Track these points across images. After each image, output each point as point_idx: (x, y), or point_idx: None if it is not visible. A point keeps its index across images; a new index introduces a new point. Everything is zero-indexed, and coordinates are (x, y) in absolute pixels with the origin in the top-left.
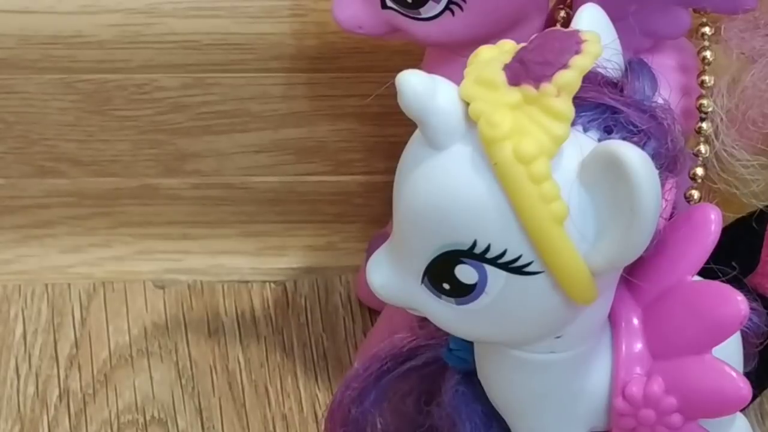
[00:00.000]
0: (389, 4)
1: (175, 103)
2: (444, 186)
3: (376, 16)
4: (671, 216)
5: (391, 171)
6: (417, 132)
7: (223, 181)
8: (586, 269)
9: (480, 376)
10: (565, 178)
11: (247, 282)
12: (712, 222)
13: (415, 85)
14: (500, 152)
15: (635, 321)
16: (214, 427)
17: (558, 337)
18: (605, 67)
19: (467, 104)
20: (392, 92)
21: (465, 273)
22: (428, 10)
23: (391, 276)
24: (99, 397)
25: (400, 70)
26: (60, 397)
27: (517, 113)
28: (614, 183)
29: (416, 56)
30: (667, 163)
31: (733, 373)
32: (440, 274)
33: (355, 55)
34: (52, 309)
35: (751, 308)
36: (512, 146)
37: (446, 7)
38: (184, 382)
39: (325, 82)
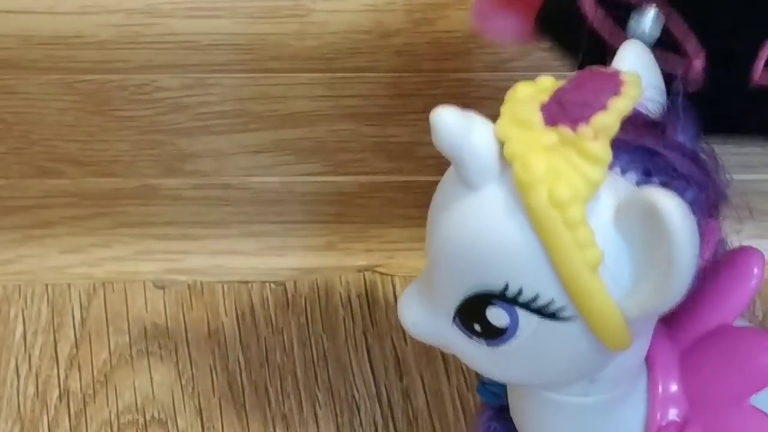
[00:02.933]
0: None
1: (175, 103)
2: (477, 227)
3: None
4: (714, 258)
5: (391, 171)
6: (451, 168)
7: (223, 181)
8: (619, 316)
9: (512, 414)
10: (600, 223)
11: (247, 282)
12: (754, 266)
13: (450, 123)
14: (535, 196)
15: (672, 365)
16: (214, 427)
17: (592, 381)
18: (647, 108)
19: (502, 143)
20: (392, 92)
21: (496, 315)
22: None
23: (423, 314)
24: (99, 397)
25: (400, 70)
26: (60, 397)
27: (552, 155)
28: (651, 232)
29: (417, 56)
30: (709, 208)
31: None
32: (471, 315)
33: (355, 55)
34: (52, 309)
35: None
36: (547, 190)
37: None
38: (184, 382)
39: (325, 82)
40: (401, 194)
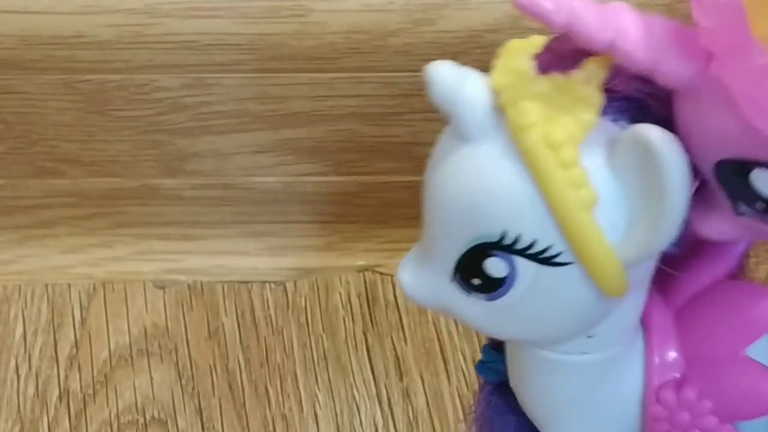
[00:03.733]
0: (742, 210)
1: (175, 103)
2: (473, 177)
3: (734, 223)
4: None
5: (391, 171)
6: (447, 128)
7: (223, 181)
8: (616, 259)
9: (512, 383)
10: (593, 164)
11: (247, 282)
12: None
13: (444, 76)
14: (529, 138)
15: (668, 324)
16: (214, 427)
17: (590, 337)
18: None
19: (497, 94)
20: (392, 92)
21: (495, 266)
22: None
23: (422, 277)
24: (99, 397)
25: (401, 70)
26: (60, 397)
27: (545, 101)
28: (644, 166)
29: (416, 56)
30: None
31: (766, 374)
32: (470, 269)
33: (355, 55)
34: (52, 309)
35: None
36: (541, 132)
37: None
38: (184, 382)
39: (325, 82)
40: (401, 194)
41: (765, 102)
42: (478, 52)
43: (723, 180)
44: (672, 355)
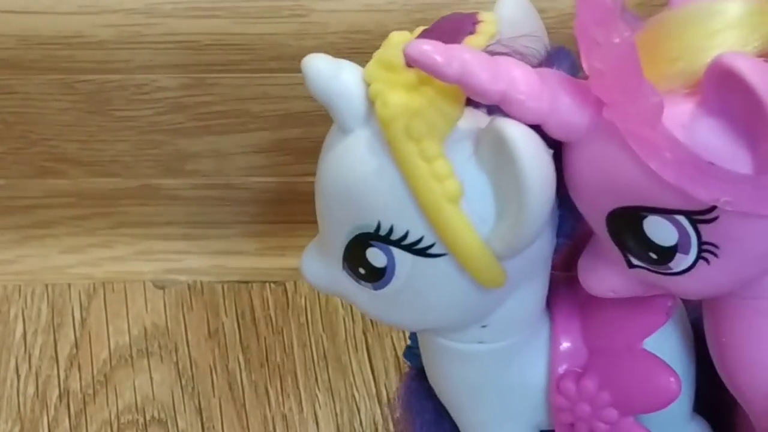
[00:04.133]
0: (635, 263)
1: (175, 103)
2: (348, 167)
3: (626, 278)
4: None
5: None
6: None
7: (223, 181)
8: (486, 251)
9: (426, 370)
10: (460, 157)
11: (247, 282)
12: None
13: (319, 67)
14: (393, 131)
15: (573, 315)
16: (214, 427)
17: (484, 326)
18: (522, 53)
19: (368, 87)
20: None
21: (375, 256)
22: (678, 264)
23: (320, 264)
24: (99, 397)
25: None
26: (60, 397)
27: (412, 93)
28: (503, 161)
29: None
30: None
31: (663, 367)
32: (355, 258)
33: (355, 55)
34: (52, 309)
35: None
36: (404, 124)
37: (698, 257)
38: (184, 382)
39: None
40: None
41: (658, 142)
42: None
43: (615, 232)
44: (575, 345)
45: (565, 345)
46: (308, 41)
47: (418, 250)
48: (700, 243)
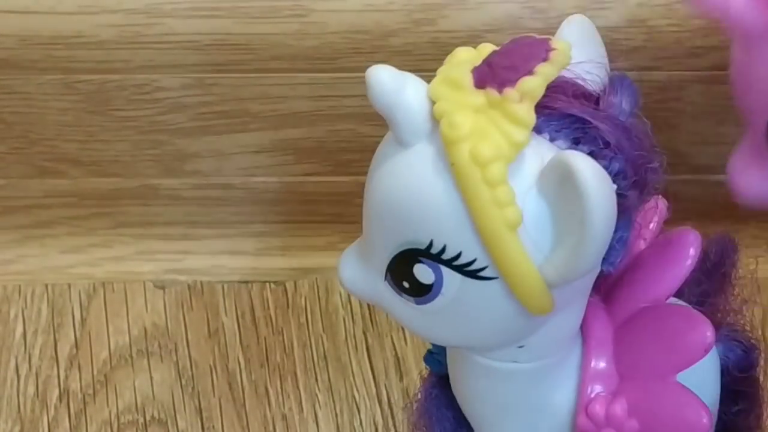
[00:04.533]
0: None
1: (175, 103)
2: (405, 183)
3: None
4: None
5: None
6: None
7: (223, 181)
8: (539, 278)
9: (451, 381)
10: (522, 185)
11: (247, 282)
12: (690, 245)
13: (384, 80)
14: (458, 153)
15: (607, 339)
16: (214, 427)
17: (521, 347)
18: (584, 79)
19: (434, 103)
20: None
21: (423, 272)
22: None
23: (360, 271)
24: (99, 397)
25: (401, 70)
26: (60, 397)
27: (479, 116)
28: (567, 194)
29: (416, 56)
30: (637, 182)
31: (695, 401)
32: (400, 272)
33: (355, 55)
34: (52, 309)
35: (731, 341)
36: (470, 148)
37: None
38: (184, 382)
39: (325, 82)
40: None
41: None
42: None
43: None
44: (606, 369)
45: (596, 369)
46: (308, 41)
47: (468, 271)
48: None
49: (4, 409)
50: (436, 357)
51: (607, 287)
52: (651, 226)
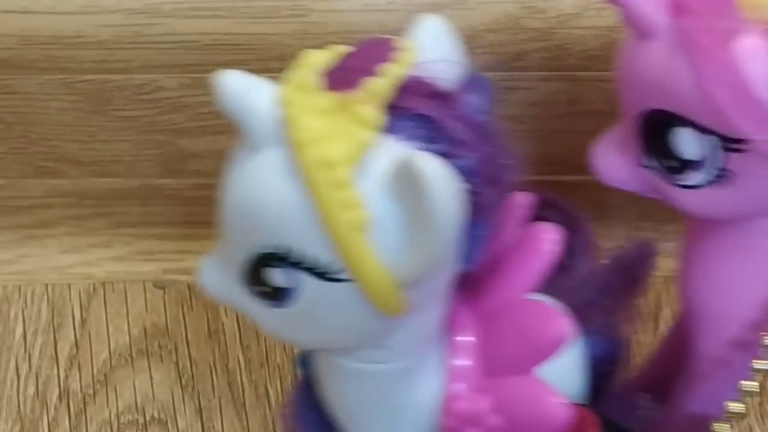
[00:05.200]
0: (649, 164)
1: (175, 103)
2: (255, 188)
3: (635, 174)
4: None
5: None
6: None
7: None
8: (389, 280)
9: (318, 382)
10: (372, 186)
11: None
12: (548, 241)
13: (232, 84)
14: (304, 156)
15: (470, 337)
16: (214, 427)
17: (382, 348)
18: (438, 79)
19: (282, 108)
20: None
21: (276, 276)
22: (690, 179)
23: (219, 275)
24: (99, 397)
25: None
26: (60, 397)
27: (326, 118)
28: (413, 194)
29: None
30: (492, 180)
31: (552, 395)
32: (255, 276)
33: None
34: (52, 309)
35: (598, 335)
36: (317, 151)
37: (713, 178)
38: (184, 382)
39: None
40: None
41: (721, 63)
42: (478, 52)
43: (647, 130)
44: (470, 367)
45: (459, 367)
46: (308, 41)
47: (321, 274)
48: (720, 167)
49: (4, 409)
50: (307, 358)
51: (471, 285)
52: (512, 223)
